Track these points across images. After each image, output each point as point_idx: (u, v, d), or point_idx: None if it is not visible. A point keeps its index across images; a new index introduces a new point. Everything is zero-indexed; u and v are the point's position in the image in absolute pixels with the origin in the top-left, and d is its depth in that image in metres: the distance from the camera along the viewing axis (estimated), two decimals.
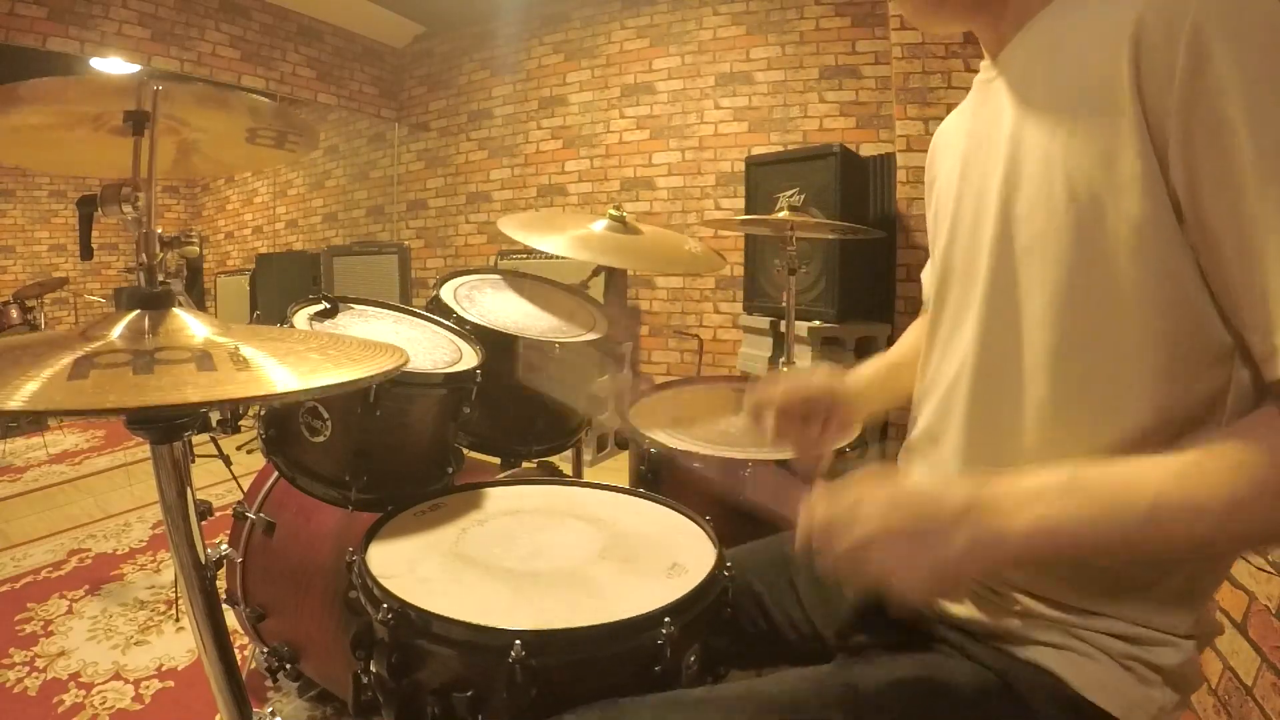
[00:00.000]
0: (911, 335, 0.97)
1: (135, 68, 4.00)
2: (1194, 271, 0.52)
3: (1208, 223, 0.50)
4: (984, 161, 0.66)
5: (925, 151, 0.86)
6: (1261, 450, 0.49)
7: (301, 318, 1.14)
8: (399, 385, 1.03)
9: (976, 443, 0.67)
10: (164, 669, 1.77)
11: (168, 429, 0.69)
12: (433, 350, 1.17)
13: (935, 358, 0.74)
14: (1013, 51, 0.66)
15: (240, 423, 4.16)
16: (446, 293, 1.40)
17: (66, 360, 0.59)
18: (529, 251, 3.92)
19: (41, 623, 2.00)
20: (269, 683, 1.54)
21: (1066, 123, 0.57)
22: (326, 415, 1.04)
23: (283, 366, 0.64)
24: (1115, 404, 0.56)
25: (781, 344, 2.30)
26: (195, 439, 2.49)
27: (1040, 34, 0.63)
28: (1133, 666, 0.59)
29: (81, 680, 1.72)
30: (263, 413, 1.08)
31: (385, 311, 1.29)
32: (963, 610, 0.67)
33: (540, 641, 0.66)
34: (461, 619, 0.68)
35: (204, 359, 0.63)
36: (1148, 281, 0.53)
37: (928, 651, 0.69)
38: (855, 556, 0.55)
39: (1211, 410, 0.55)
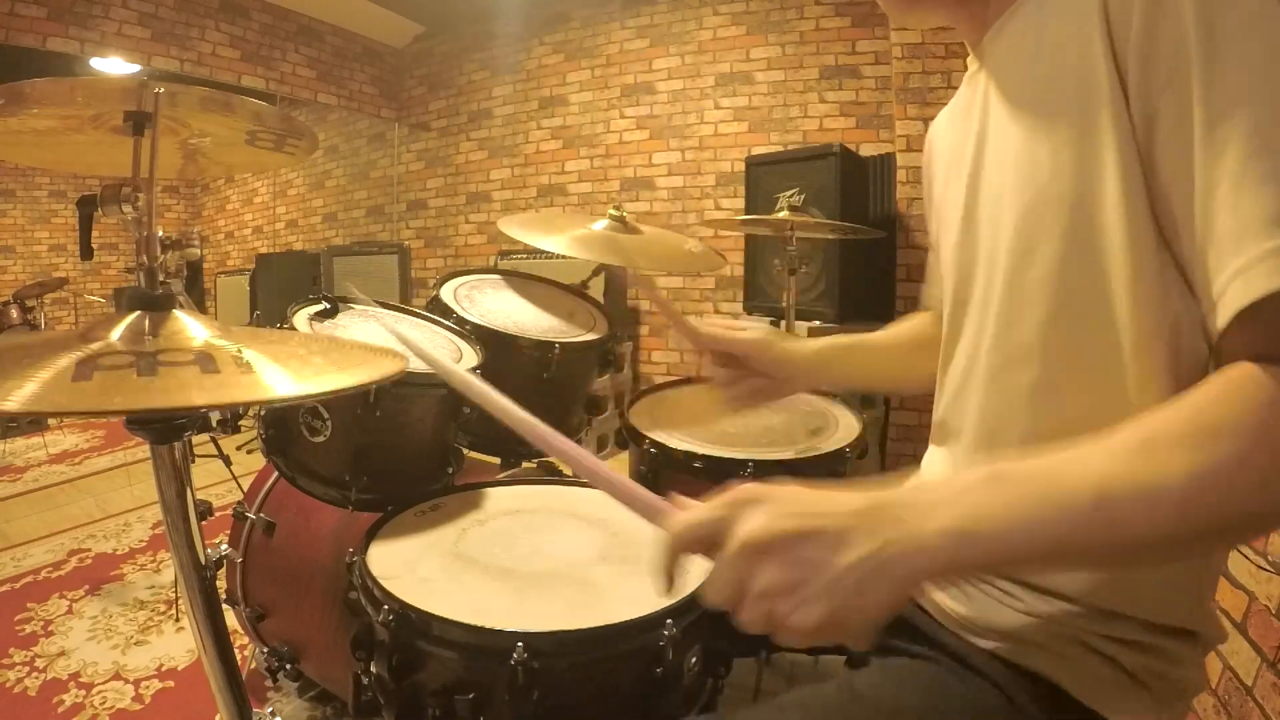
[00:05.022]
0: (899, 327, 0.96)
1: (135, 68, 4.00)
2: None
3: (1159, 174, 0.49)
4: (989, 157, 0.65)
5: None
6: (1221, 415, 0.43)
7: (302, 318, 1.14)
8: (399, 385, 1.03)
9: (986, 439, 0.65)
10: (164, 669, 1.77)
11: (168, 429, 0.69)
12: (432, 350, 1.17)
13: (963, 360, 0.70)
14: (995, 40, 0.65)
15: (240, 423, 4.15)
16: (446, 293, 1.40)
17: (68, 361, 0.59)
18: (529, 251, 3.92)
19: (41, 623, 2.00)
20: (269, 683, 1.54)
21: (1050, 107, 0.56)
22: (327, 415, 1.04)
23: (284, 371, 0.64)
24: (1111, 376, 0.55)
25: None
26: (195, 439, 2.49)
27: (1023, 18, 0.62)
28: (1143, 677, 0.58)
29: (81, 680, 1.72)
30: (263, 413, 1.08)
31: (385, 311, 1.29)
32: (963, 608, 0.66)
33: (543, 643, 0.66)
34: (463, 621, 0.68)
35: (207, 361, 0.63)
36: (1140, 257, 0.52)
37: (927, 663, 0.66)
38: (732, 579, 0.45)
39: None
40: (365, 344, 0.80)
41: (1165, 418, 0.45)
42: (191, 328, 0.70)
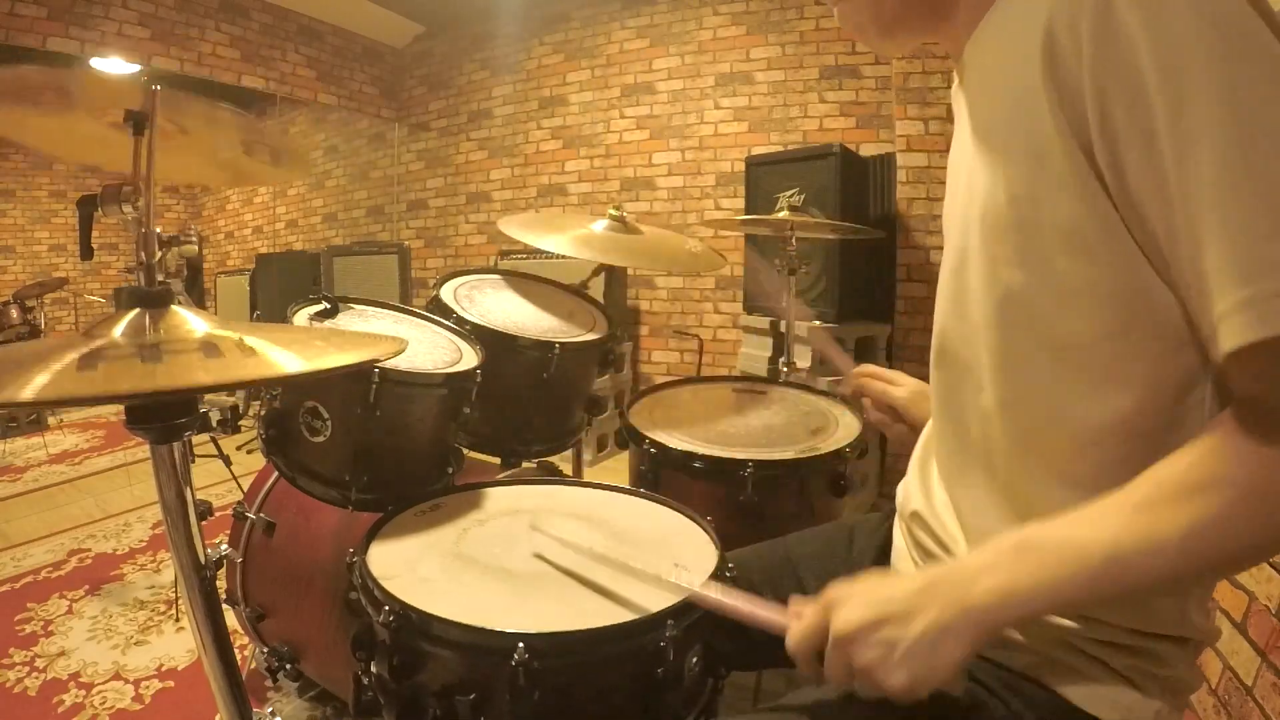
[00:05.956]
0: None
1: (135, 67, 4.00)
2: (1141, 259, 0.50)
3: (1137, 207, 0.48)
4: (956, 173, 0.66)
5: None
6: (1210, 474, 0.48)
7: (301, 318, 1.14)
8: (399, 385, 1.03)
9: (949, 451, 0.67)
10: (164, 669, 1.77)
11: (168, 429, 0.69)
12: (433, 350, 1.17)
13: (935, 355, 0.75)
14: (967, 59, 0.65)
15: (240, 423, 4.16)
16: (446, 293, 1.40)
17: (72, 356, 0.59)
18: (529, 251, 3.92)
19: (41, 623, 2.00)
20: (269, 683, 1.54)
21: (1002, 129, 0.57)
22: (326, 415, 1.03)
23: (288, 353, 0.64)
24: (1074, 402, 0.56)
25: (781, 344, 2.30)
26: (195, 439, 2.49)
27: (985, 38, 0.62)
28: (1131, 675, 0.59)
29: (81, 680, 1.72)
30: (263, 412, 1.08)
31: (385, 311, 1.29)
32: None
33: (544, 644, 0.66)
34: (464, 621, 0.68)
35: (210, 348, 0.63)
36: (1090, 277, 0.52)
37: None
38: (839, 663, 0.55)
39: (1188, 393, 0.53)
40: (365, 332, 0.80)
41: (1161, 476, 0.50)
42: (192, 321, 0.70)
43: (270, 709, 1.52)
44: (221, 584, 1.01)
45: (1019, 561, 0.53)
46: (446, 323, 1.28)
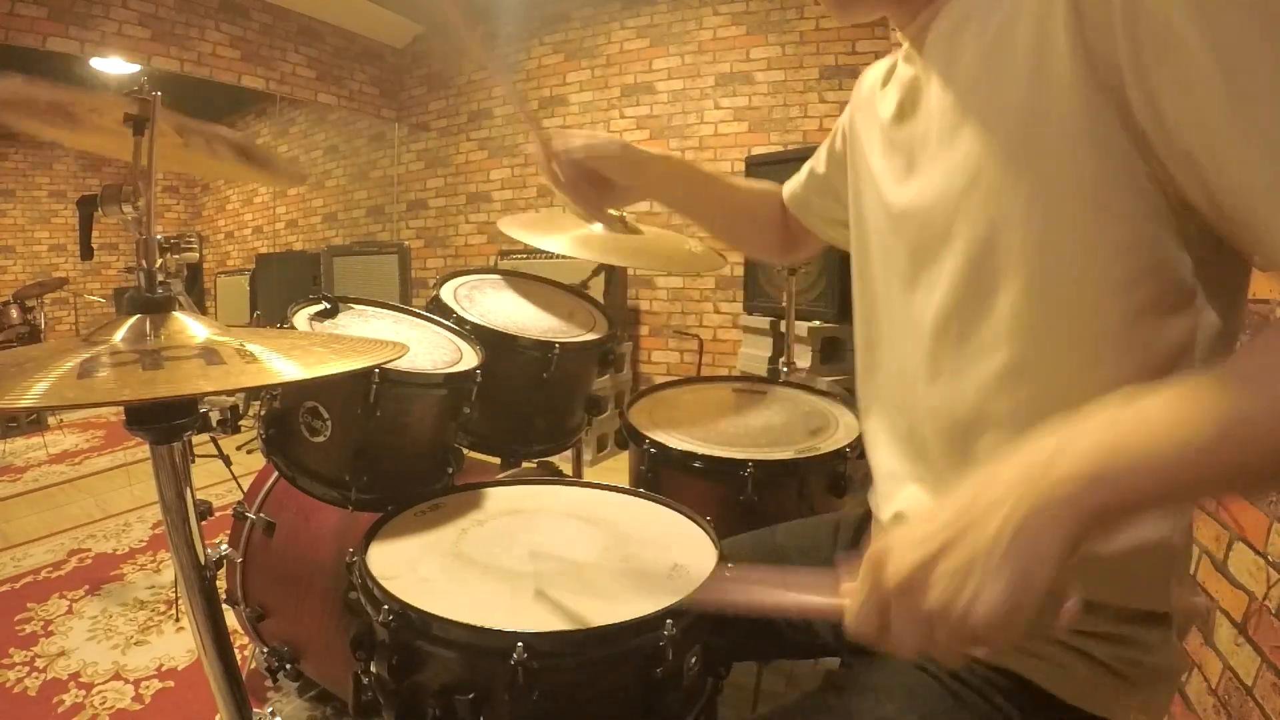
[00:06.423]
0: (751, 187, 1.14)
1: (135, 68, 4.00)
2: (1152, 211, 0.50)
3: (1179, 145, 0.46)
4: (937, 144, 0.62)
5: None
6: None
7: (301, 318, 1.14)
8: (399, 385, 1.03)
9: (944, 417, 0.64)
10: (164, 669, 1.77)
11: (168, 429, 0.69)
12: (433, 350, 1.17)
13: (884, 337, 0.73)
14: (938, 24, 0.63)
15: (240, 423, 4.15)
16: (446, 293, 1.40)
17: (73, 362, 0.59)
18: (529, 251, 3.92)
19: (41, 623, 2.00)
20: (269, 683, 1.54)
21: (1006, 88, 0.54)
22: (326, 415, 1.03)
23: (288, 359, 0.65)
24: (1082, 359, 0.55)
25: (782, 344, 2.30)
26: (195, 439, 2.49)
27: (966, 3, 0.60)
28: (1112, 664, 0.59)
29: (81, 680, 1.72)
30: (263, 412, 1.08)
31: (385, 312, 1.29)
32: None
33: (543, 643, 0.66)
34: (463, 621, 0.68)
35: (210, 355, 0.64)
36: (1104, 227, 0.51)
37: (909, 668, 0.67)
38: (909, 622, 0.45)
39: (1178, 360, 0.53)
40: (365, 337, 0.80)
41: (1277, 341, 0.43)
42: (192, 327, 0.70)
43: (270, 709, 1.52)
44: (221, 584, 1.01)
45: (1114, 427, 0.43)
46: (446, 323, 1.28)
